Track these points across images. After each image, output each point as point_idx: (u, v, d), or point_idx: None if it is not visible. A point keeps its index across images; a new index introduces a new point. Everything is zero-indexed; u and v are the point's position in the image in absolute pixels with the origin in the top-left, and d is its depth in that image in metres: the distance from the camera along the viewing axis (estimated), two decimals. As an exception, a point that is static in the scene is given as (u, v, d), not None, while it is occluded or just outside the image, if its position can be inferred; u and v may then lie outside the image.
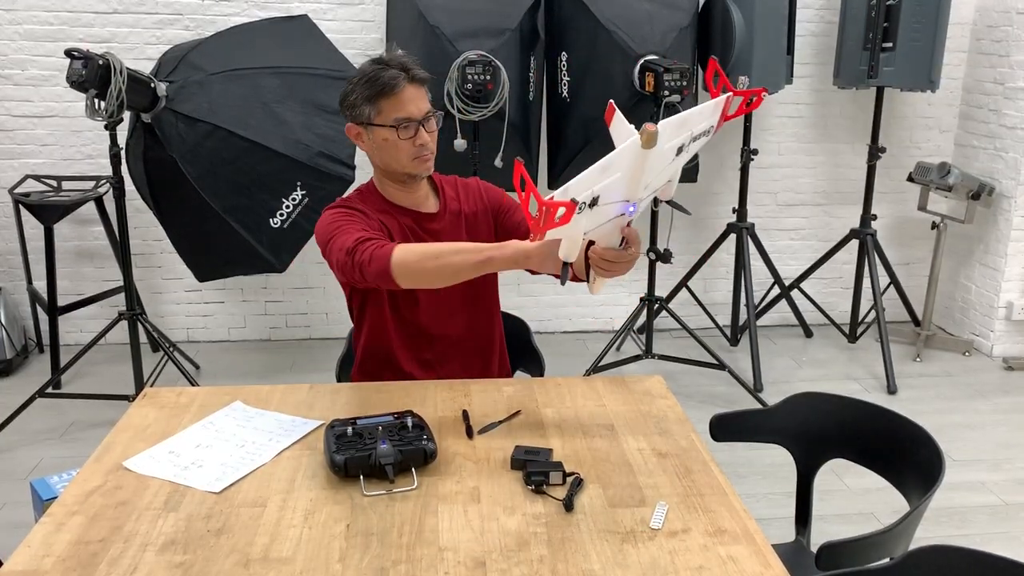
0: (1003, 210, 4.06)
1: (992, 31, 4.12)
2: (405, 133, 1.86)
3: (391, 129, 1.86)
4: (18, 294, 4.08)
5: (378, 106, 1.85)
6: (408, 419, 1.59)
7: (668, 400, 1.84)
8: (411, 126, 1.86)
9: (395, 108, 1.85)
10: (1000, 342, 4.15)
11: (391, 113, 1.85)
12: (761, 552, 1.31)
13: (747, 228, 4.03)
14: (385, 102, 1.85)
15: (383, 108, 1.85)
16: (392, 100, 1.84)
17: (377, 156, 1.93)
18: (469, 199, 2.08)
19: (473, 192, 2.09)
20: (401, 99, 1.84)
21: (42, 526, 1.37)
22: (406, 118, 1.85)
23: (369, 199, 1.98)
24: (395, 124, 1.85)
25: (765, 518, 2.77)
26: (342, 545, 1.32)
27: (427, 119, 1.88)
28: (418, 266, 1.69)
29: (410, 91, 1.85)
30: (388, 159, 1.91)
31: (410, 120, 1.86)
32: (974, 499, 2.92)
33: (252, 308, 4.25)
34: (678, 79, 3.31)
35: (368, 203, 1.97)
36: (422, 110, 1.87)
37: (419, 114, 1.87)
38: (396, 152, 1.89)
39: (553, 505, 1.43)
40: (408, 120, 1.85)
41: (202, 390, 1.87)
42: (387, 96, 1.84)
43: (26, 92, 3.86)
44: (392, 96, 1.84)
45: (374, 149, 1.92)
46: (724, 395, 3.69)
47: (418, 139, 1.88)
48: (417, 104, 1.86)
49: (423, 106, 1.88)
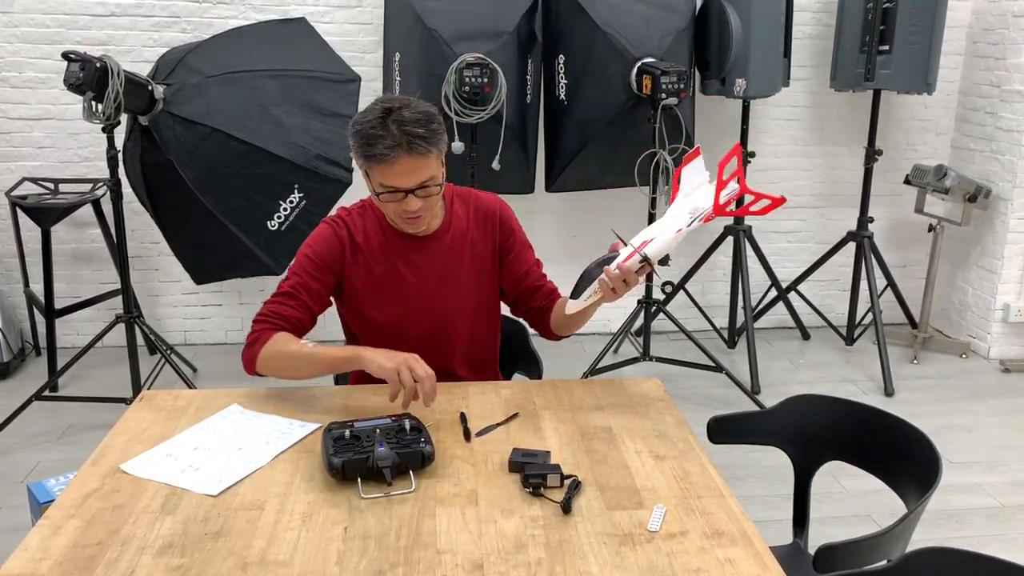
0: (999, 212, 4.07)
1: (988, 34, 4.13)
2: (387, 199, 1.77)
3: (375, 193, 1.80)
4: (15, 297, 4.07)
5: (368, 167, 1.75)
6: (406, 421, 1.59)
7: (666, 403, 1.84)
8: (397, 193, 1.76)
9: (383, 176, 1.73)
10: (997, 344, 4.16)
11: (379, 179, 1.75)
12: (759, 554, 1.31)
13: (744, 231, 4.04)
14: (374, 166, 1.73)
15: (372, 171, 1.75)
16: (382, 168, 1.73)
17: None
18: (480, 222, 1.99)
19: (487, 217, 2.00)
20: (392, 170, 1.72)
21: (39, 529, 1.36)
22: (393, 188, 1.75)
23: (368, 215, 1.93)
24: (379, 191, 1.77)
25: (762, 520, 2.77)
26: (340, 548, 1.32)
27: (423, 187, 1.76)
28: (276, 369, 1.82)
29: (405, 163, 1.71)
30: (380, 207, 1.86)
31: (397, 191, 1.75)
32: (971, 501, 2.93)
33: (249, 311, 4.25)
34: (675, 82, 3.31)
35: (366, 220, 1.92)
36: (415, 181, 1.74)
37: (409, 185, 1.74)
38: (385, 208, 1.84)
39: (551, 507, 1.43)
40: (395, 190, 1.75)
41: (199, 393, 1.87)
42: (377, 163, 1.72)
43: (23, 95, 3.85)
44: (383, 165, 1.72)
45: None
46: (721, 397, 3.69)
47: (404, 205, 1.77)
48: (410, 176, 1.73)
49: (420, 176, 1.74)
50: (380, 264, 1.91)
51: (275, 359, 1.80)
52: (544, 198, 4.21)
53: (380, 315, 1.93)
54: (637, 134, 3.61)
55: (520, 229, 2.06)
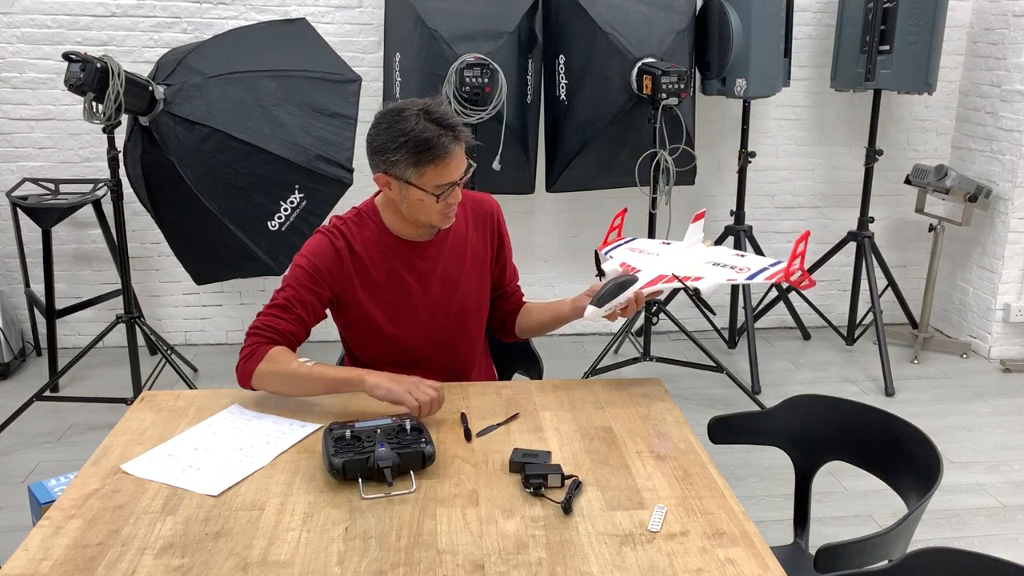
0: (1000, 212, 4.06)
1: (989, 34, 4.13)
2: (444, 197, 1.78)
3: (430, 195, 1.77)
4: (16, 297, 4.07)
5: (422, 171, 1.75)
6: (406, 422, 1.59)
7: (666, 403, 1.84)
8: (451, 188, 1.79)
9: (440, 175, 1.76)
10: (997, 344, 4.16)
11: (434, 180, 1.76)
12: (760, 554, 1.31)
13: (745, 230, 4.04)
14: (431, 168, 1.75)
15: (427, 173, 1.75)
16: (439, 168, 1.75)
17: (404, 208, 1.84)
18: (478, 224, 2.00)
19: (484, 218, 2.01)
20: (448, 167, 1.75)
21: (40, 530, 1.36)
22: (449, 184, 1.77)
23: (365, 222, 1.91)
24: (436, 192, 1.77)
25: (763, 520, 2.77)
26: (340, 548, 1.32)
27: (463, 178, 1.81)
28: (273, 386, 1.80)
29: (458, 154, 1.77)
30: (416, 214, 1.83)
31: (453, 185, 1.78)
32: (972, 501, 2.92)
33: (250, 311, 4.25)
34: (675, 82, 3.31)
35: (362, 228, 1.90)
36: (463, 167, 1.79)
37: (460, 175, 1.79)
38: (428, 211, 1.81)
39: (551, 508, 1.43)
40: (451, 186, 1.78)
41: (200, 393, 1.87)
42: (435, 164, 1.74)
43: (24, 95, 3.85)
44: (440, 164, 1.74)
45: (403, 202, 1.82)
46: (722, 397, 3.69)
47: (451, 198, 1.80)
48: (460, 166, 1.78)
49: (463, 165, 1.79)
50: (382, 272, 1.90)
51: (272, 377, 1.79)
52: (544, 198, 4.21)
53: (385, 322, 1.92)
54: (637, 134, 3.61)
55: (508, 233, 2.09)
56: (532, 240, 4.31)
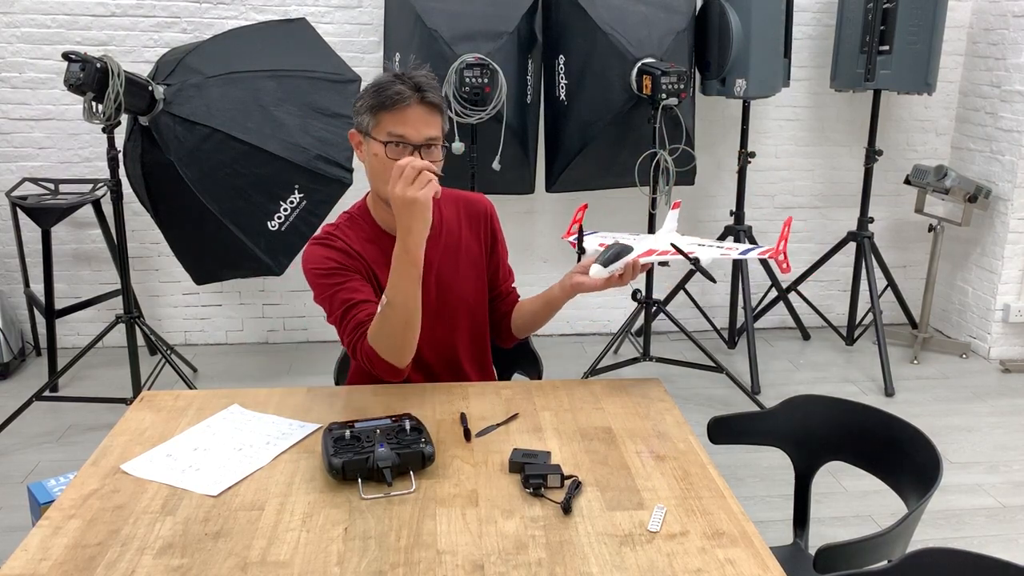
0: (1000, 213, 4.06)
1: (988, 34, 4.13)
2: (393, 152, 1.73)
3: (381, 144, 1.74)
4: (15, 297, 4.07)
5: (378, 117, 1.74)
6: (406, 422, 1.59)
7: (666, 403, 1.84)
8: (404, 148, 1.73)
9: (393, 123, 1.73)
10: (997, 344, 4.16)
11: (386, 127, 1.73)
12: (759, 555, 1.31)
13: (744, 231, 4.04)
14: (385, 115, 1.73)
15: (381, 120, 1.74)
16: (393, 114, 1.73)
17: (367, 173, 1.83)
18: (471, 223, 1.98)
19: (477, 217, 1.99)
20: (402, 116, 1.72)
21: (39, 530, 1.36)
22: (400, 136, 1.73)
23: (357, 224, 1.89)
24: (387, 139, 1.73)
25: (762, 520, 2.77)
26: (340, 548, 1.32)
27: (427, 147, 1.75)
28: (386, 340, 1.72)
29: (416, 111, 1.73)
30: (374, 179, 1.81)
31: (404, 140, 1.73)
32: (971, 501, 2.92)
33: (250, 311, 4.25)
34: (675, 82, 3.31)
35: (355, 230, 1.88)
36: (422, 135, 1.74)
37: (417, 138, 1.73)
38: (383, 173, 1.75)
39: (551, 508, 1.43)
40: (402, 139, 1.73)
41: (200, 393, 1.87)
42: (389, 109, 1.72)
43: (23, 95, 3.85)
44: (394, 110, 1.72)
45: (365, 163, 1.82)
46: (721, 397, 3.69)
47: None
48: (418, 127, 1.73)
49: (426, 132, 1.74)
50: (382, 270, 1.88)
51: (378, 337, 1.73)
52: (544, 198, 4.21)
53: None
54: (637, 134, 3.61)
55: (502, 232, 2.06)
56: (532, 240, 4.31)
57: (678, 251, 1.83)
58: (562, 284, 1.90)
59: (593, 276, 1.79)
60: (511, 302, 2.09)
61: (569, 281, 1.86)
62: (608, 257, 1.80)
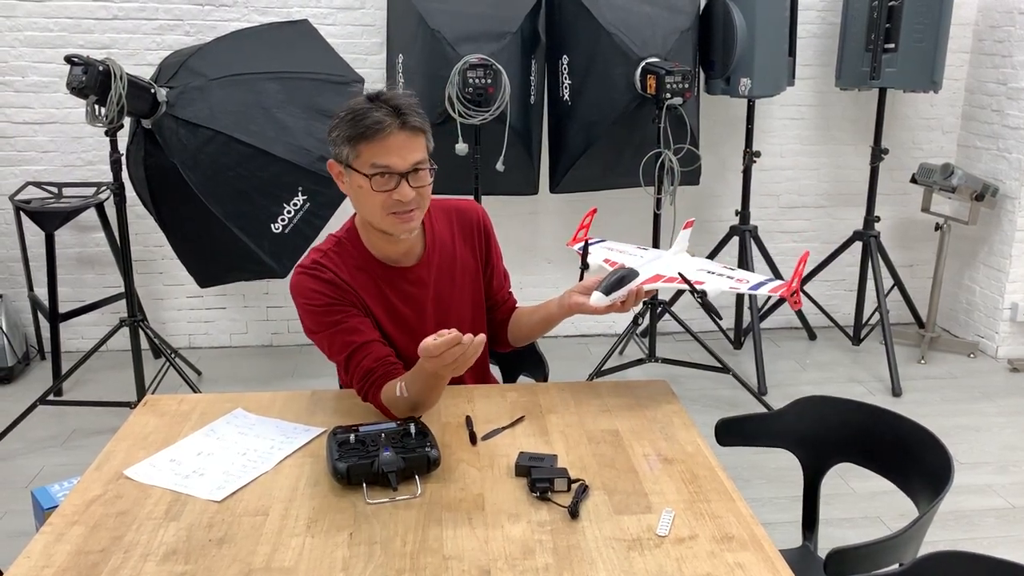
0: (1007, 211, 4.04)
1: (994, 31, 4.11)
2: (380, 184, 1.64)
3: (365, 178, 1.65)
4: (19, 301, 4.07)
5: (357, 148, 1.64)
6: (411, 425, 1.58)
7: (673, 405, 1.83)
8: (390, 178, 1.65)
9: (374, 154, 1.63)
10: (1005, 343, 4.13)
11: (369, 159, 1.63)
12: (769, 559, 1.29)
13: (750, 231, 4.02)
14: (365, 146, 1.63)
15: (362, 152, 1.64)
16: (373, 145, 1.62)
17: (354, 204, 1.74)
18: (465, 235, 1.92)
19: (470, 228, 1.93)
20: (385, 145, 1.62)
21: (42, 536, 1.35)
22: (384, 167, 1.63)
23: (346, 250, 1.80)
24: (370, 172, 1.64)
25: (770, 522, 2.76)
26: (345, 554, 1.30)
27: (415, 172, 1.66)
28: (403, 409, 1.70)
29: (398, 138, 1.63)
30: (362, 210, 1.73)
31: (389, 171, 1.64)
32: (981, 502, 2.90)
33: (254, 314, 4.24)
34: (680, 81, 3.30)
35: (344, 257, 1.79)
36: (408, 162, 1.64)
37: (403, 166, 1.64)
38: (370, 204, 1.67)
39: (558, 512, 1.41)
40: (387, 170, 1.63)
41: (203, 397, 1.86)
42: (368, 140, 1.62)
43: (26, 99, 3.85)
44: (374, 141, 1.62)
45: (350, 195, 1.72)
46: (728, 398, 3.67)
47: (396, 193, 1.65)
48: (403, 154, 1.64)
49: (412, 157, 1.65)
50: (374, 299, 1.82)
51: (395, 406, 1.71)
52: (548, 199, 4.20)
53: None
54: (642, 134, 3.59)
55: (495, 238, 2.02)
56: (536, 241, 4.29)
57: (685, 281, 1.80)
58: (561, 302, 1.86)
59: (594, 303, 1.75)
60: (507, 309, 2.04)
61: (568, 300, 1.82)
62: (611, 283, 1.77)
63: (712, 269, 1.89)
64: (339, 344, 1.77)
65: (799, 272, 1.77)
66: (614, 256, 1.98)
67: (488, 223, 1.99)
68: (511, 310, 2.05)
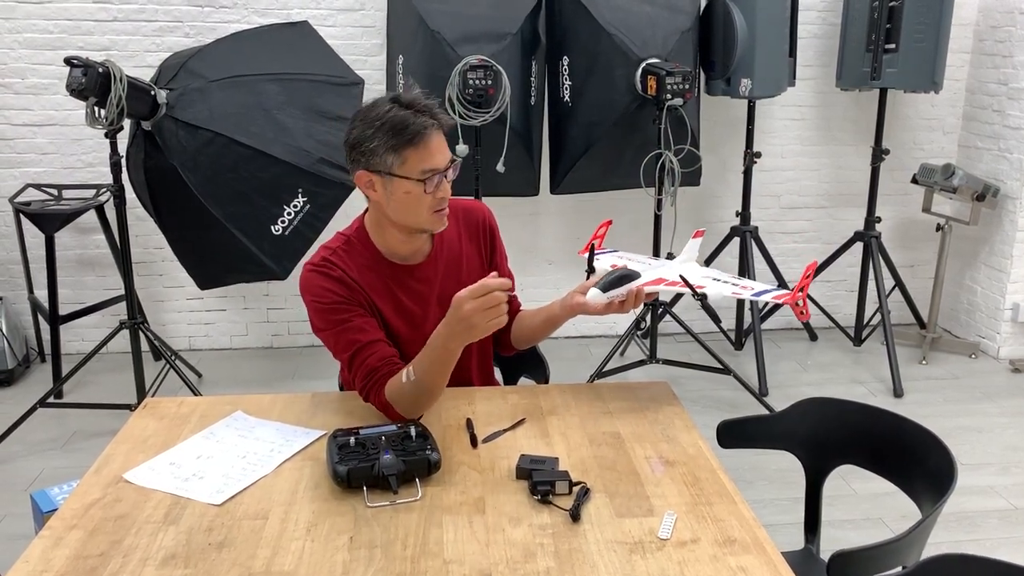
0: (1008, 211, 4.03)
1: (995, 31, 4.10)
2: (431, 186, 1.70)
3: (417, 183, 1.69)
4: (19, 303, 4.06)
5: (403, 155, 1.67)
6: (411, 428, 1.57)
7: (675, 407, 1.82)
8: (437, 178, 1.72)
9: (422, 159, 1.68)
10: (1007, 344, 4.13)
11: (418, 164, 1.68)
12: (772, 562, 1.29)
13: (751, 231, 4.01)
14: (412, 152, 1.67)
15: (409, 158, 1.68)
16: (420, 150, 1.67)
17: (392, 209, 1.75)
18: (471, 234, 1.95)
19: (476, 227, 1.96)
20: (430, 149, 1.68)
21: (41, 540, 1.35)
22: (432, 170, 1.69)
23: (355, 249, 1.83)
24: (422, 177, 1.69)
25: (772, 524, 2.75)
26: (345, 558, 1.30)
27: (449, 168, 1.74)
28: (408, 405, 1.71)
29: (436, 138, 1.70)
30: (406, 214, 1.75)
31: (436, 172, 1.70)
32: (983, 503, 2.90)
33: (254, 315, 4.24)
34: (680, 82, 3.29)
35: (353, 256, 1.81)
36: (447, 159, 1.73)
37: (444, 164, 1.72)
38: (417, 207, 1.73)
39: (559, 515, 1.41)
40: (435, 172, 1.70)
41: (203, 400, 1.85)
42: (415, 146, 1.67)
43: (26, 101, 3.85)
44: (419, 147, 1.67)
45: (390, 201, 1.74)
46: (729, 399, 3.66)
47: (439, 191, 1.73)
48: (443, 153, 1.72)
49: (448, 155, 1.73)
50: (382, 297, 1.83)
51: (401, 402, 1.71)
52: (549, 200, 4.19)
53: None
54: (642, 135, 3.59)
55: (501, 239, 2.03)
56: (536, 242, 4.29)
57: (686, 283, 1.80)
58: (563, 302, 1.88)
59: (590, 300, 1.77)
60: (512, 312, 2.04)
61: (570, 300, 1.84)
62: (609, 281, 1.76)
63: (718, 277, 1.89)
64: (344, 342, 1.77)
65: (806, 283, 1.75)
66: (622, 263, 1.97)
67: (494, 224, 2.00)
68: (515, 312, 2.06)
